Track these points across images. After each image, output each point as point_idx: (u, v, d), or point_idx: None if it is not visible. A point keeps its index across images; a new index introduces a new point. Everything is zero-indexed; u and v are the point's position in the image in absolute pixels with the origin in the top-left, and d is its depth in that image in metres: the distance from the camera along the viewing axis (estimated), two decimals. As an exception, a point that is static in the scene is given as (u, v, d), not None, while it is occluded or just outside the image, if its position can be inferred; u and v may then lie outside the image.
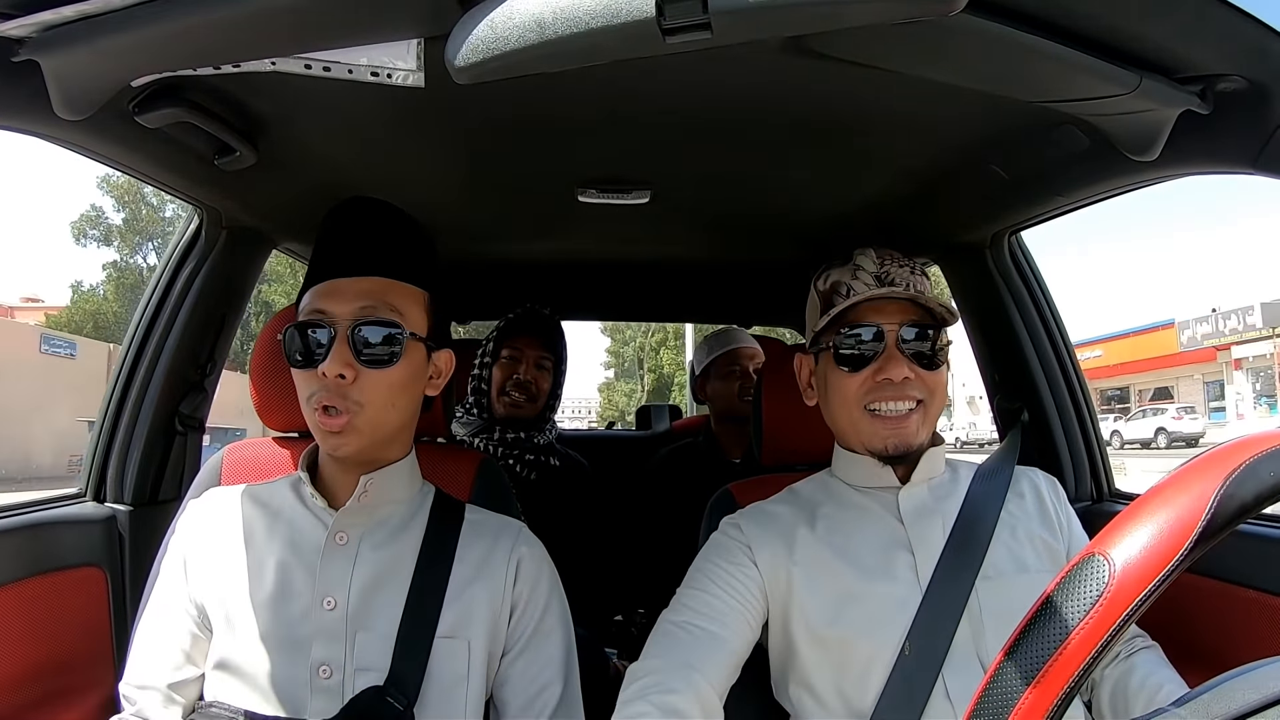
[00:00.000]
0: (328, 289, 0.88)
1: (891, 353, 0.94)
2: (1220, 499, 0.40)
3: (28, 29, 0.70)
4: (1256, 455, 0.41)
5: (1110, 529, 0.43)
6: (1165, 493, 0.42)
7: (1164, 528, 0.41)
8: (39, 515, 1.21)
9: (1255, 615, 1.00)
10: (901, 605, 0.90)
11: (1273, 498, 0.41)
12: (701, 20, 0.58)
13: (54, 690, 1.14)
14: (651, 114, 1.04)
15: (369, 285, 0.87)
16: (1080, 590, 0.41)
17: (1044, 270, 1.52)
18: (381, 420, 0.88)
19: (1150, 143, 0.87)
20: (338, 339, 0.85)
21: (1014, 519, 0.97)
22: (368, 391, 0.86)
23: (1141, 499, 0.43)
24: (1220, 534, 0.40)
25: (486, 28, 0.63)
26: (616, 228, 1.62)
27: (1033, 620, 0.43)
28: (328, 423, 0.85)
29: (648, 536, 2.00)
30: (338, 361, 0.84)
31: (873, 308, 0.96)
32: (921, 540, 0.94)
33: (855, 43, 0.76)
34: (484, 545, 0.94)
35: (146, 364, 1.39)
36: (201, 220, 1.38)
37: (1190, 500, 0.41)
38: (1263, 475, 0.41)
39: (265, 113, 1.01)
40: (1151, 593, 0.40)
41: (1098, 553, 0.42)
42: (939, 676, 0.86)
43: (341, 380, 0.84)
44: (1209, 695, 0.40)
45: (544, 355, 1.80)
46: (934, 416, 0.97)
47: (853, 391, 0.96)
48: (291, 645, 0.86)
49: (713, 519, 1.14)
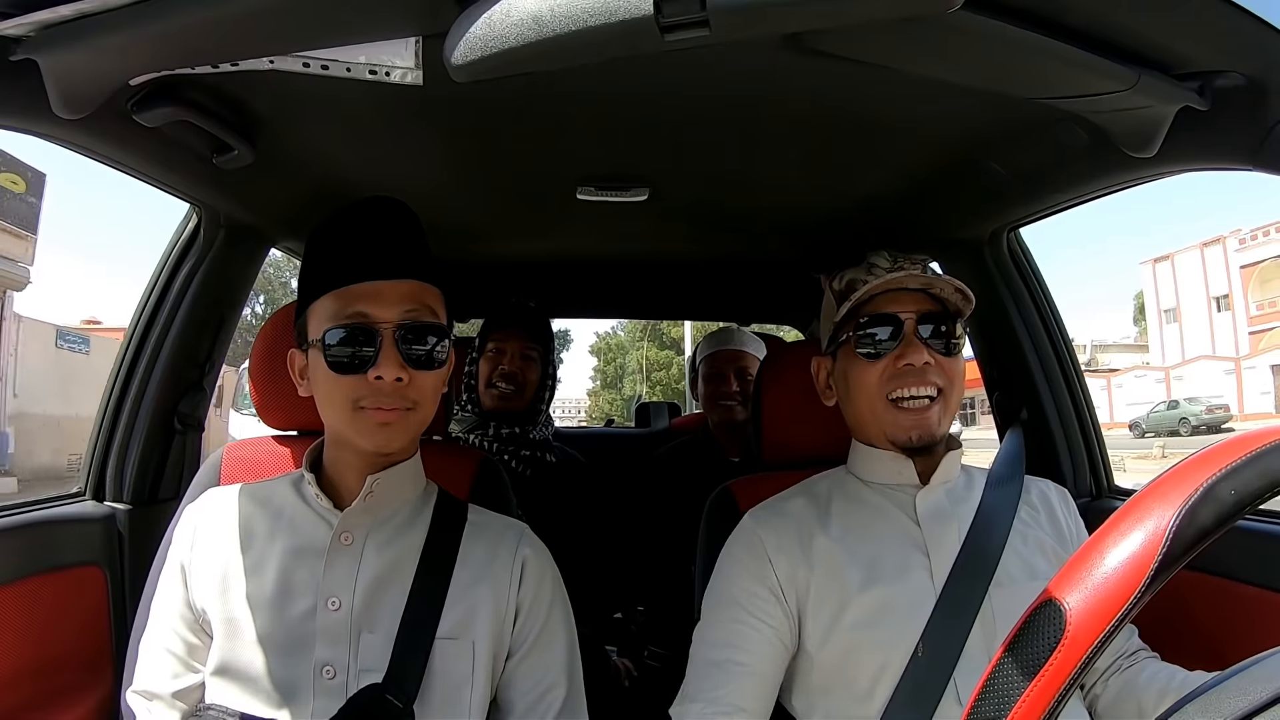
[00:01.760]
0: (367, 291, 0.86)
1: (910, 339, 0.96)
2: (1176, 530, 0.39)
3: (26, 28, 0.70)
4: (1215, 474, 0.40)
5: (1066, 570, 0.41)
6: (1122, 525, 0.41)
7: (1119, 566, 0.39)
8: (38, 514, 1.21)
9: (1256, 611, 1.00)
10: (916, 607, 0.90)
11: (1235, 516, 0.39)
12: (700, 17, 0.58)
13: (53, 689, 1.14)
14: (650, 112, 1.04)
15: (409, 288, 0.87)
16: (1036, 640, 0.40)
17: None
18: (428, 415, 0.90)
19: (1149, 139, 0.87)
20: (386, 344, 0.85)
21: (1026, 527, 0.98)
22: (422, 390, 0.87)
23: (1098, 533, 0.41)
24: (1182, 561, 0.39)
25: (484, 25, 0.63)
26: (615, 225, 1.62)
27: (993, 674, 0.42)
28: (382, 416, 0.85)
29: (648, 534, 2.00)
30: (393, 365, 0.84)
31: (889, 299, 0.98)
32: (937, 543, 0.95)
33: (853, 40, 0.76)
34: (488, 547, 0.94)
35: (145, 363, 1.39)
36: (200, 219, 1.37)
37: (1145, 536, 0.39)
38: (1222, 496, 0.39)
39: (263, 111, 1.01)
40: (1110, 634, 0.39)
41: (1053, 597, 0.41)
42: (951, 680, 0.86)
43: (399, 383, 0.85)
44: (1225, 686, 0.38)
45: (529, 346, 1.79)
46: (953, 407, 0.98)
47: (874, 381, 0.97)
48: (294, 646, 0.86)
49: (712, 518, 1.14)
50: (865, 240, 1.03)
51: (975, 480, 1.03)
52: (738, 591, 0.96)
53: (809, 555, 0.96)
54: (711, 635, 0.96)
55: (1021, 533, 0.97)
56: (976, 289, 1.52)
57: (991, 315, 1.50)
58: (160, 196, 1.20)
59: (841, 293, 1.01)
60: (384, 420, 0.86)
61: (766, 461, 1.19)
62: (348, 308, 0.86)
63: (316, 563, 0.89)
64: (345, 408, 0.86)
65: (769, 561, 0.96)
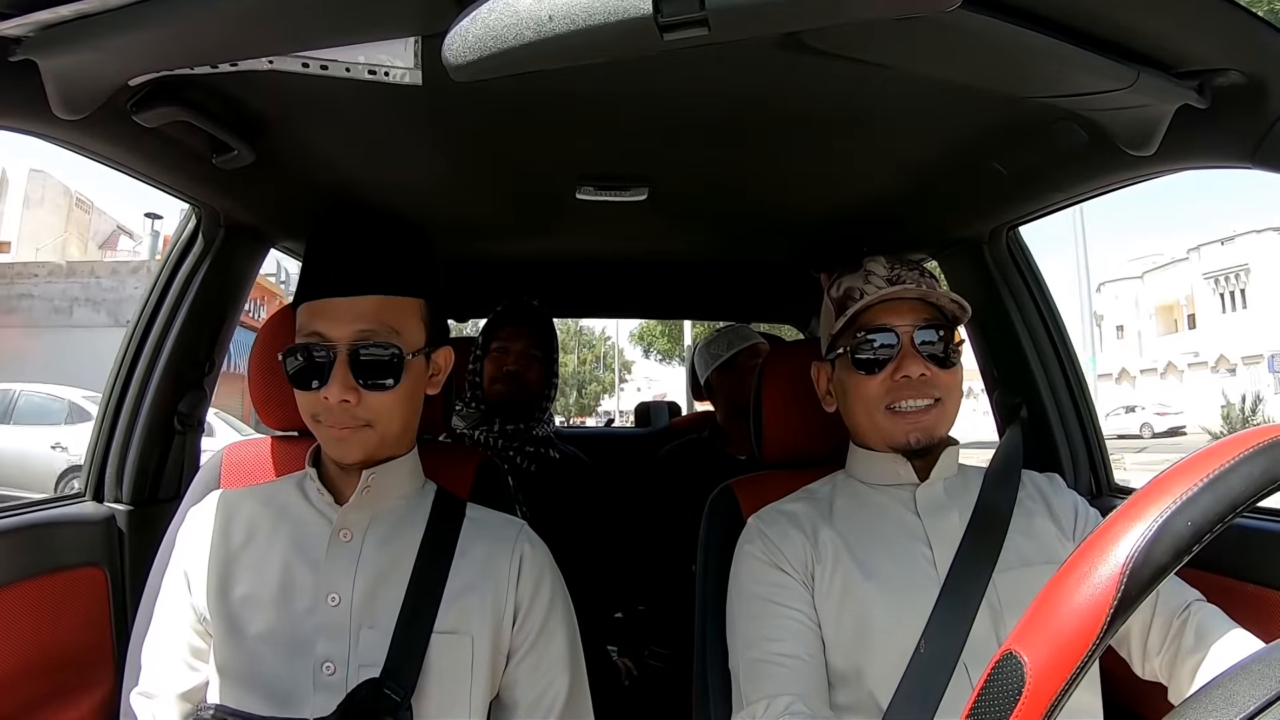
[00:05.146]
0: (322, 309, 0.88)
1: (908, 352, 0.96)
2: (1131, 572, 0.37)
3: (25, 28, 0.70)
4: (1170, 508, 0.38)
5: (1025, 620, 0.40)
6: (1077, 569, 0.39)
7: (1075, 614, 0.38)
8: (39, 515, 1.21)
9: (1256, 611, 1.00)
10: (919, 596, 0.91)
11: (1191, 549, 0.38)
12: (699, 17, 0.58)
13: (54, 690, 1.14)
14: (649, 111, 1.04)
15: (365, 306, 0.88)
16: (998, 698, 0.39)
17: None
18: (387, 430, 0.91)
19: (1148, 137, 0.87)
20: (337, 363, 0.86)
21: (1027, 515, 0.99)
22: (374, 410, 0.88)
23: (1056, 577, 0.41)
24: (1140, 599, 0.38)
25: (483, 26, 0.63)
26: (614, 225, 1.62)
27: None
28: (336, 432, 0.88)
29: (649, 533, 2.00)
30: (340, 386, 0.85)
31: (886, 309, 0.98)
32: (939, 534, 0.96)
33: (852, 39, 0.76)
34: (486, 543, 0.95)
35: (145, 363, 1.38)
36: (199, 219, 1.37)
37: (1100, 581, 0.38)
38: (1178, 530, 0.38)
39: (263, 111, 1.01)
40: (1073, 681, 0.38)
41: (1012, 650, 0.40)
42: (961, 668, 0.87)
43: (346, 404, 0.86)
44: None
45: (531, 345, 1.80)
46: (951, 414, 0.99)
47: (873, 393, 0.97)
48: (295, 643, 0.86)
49: (713, 516, 1.14)
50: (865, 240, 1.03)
51: (973, 475, 1.04)
52: (759, 587, 0.97)
53: (816, 546, 0.97)
54: (747, 636, 0.96)
55: (1023, 521, 0.97)
56: (976, 288, 1.53)
57: (991, 315, 1.50)
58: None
59: (839, 301, 1.02)
60: (339, 436, 0.88)
61: (767, 461, 1.19)
62: (309, 325, 0.89)
63: (317, 560, 0.89)
64: (308, 419, 0.90)
65: (780, 550, 0.97)
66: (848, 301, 1.00)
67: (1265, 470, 0.39)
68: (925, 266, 1.02)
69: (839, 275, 1.04)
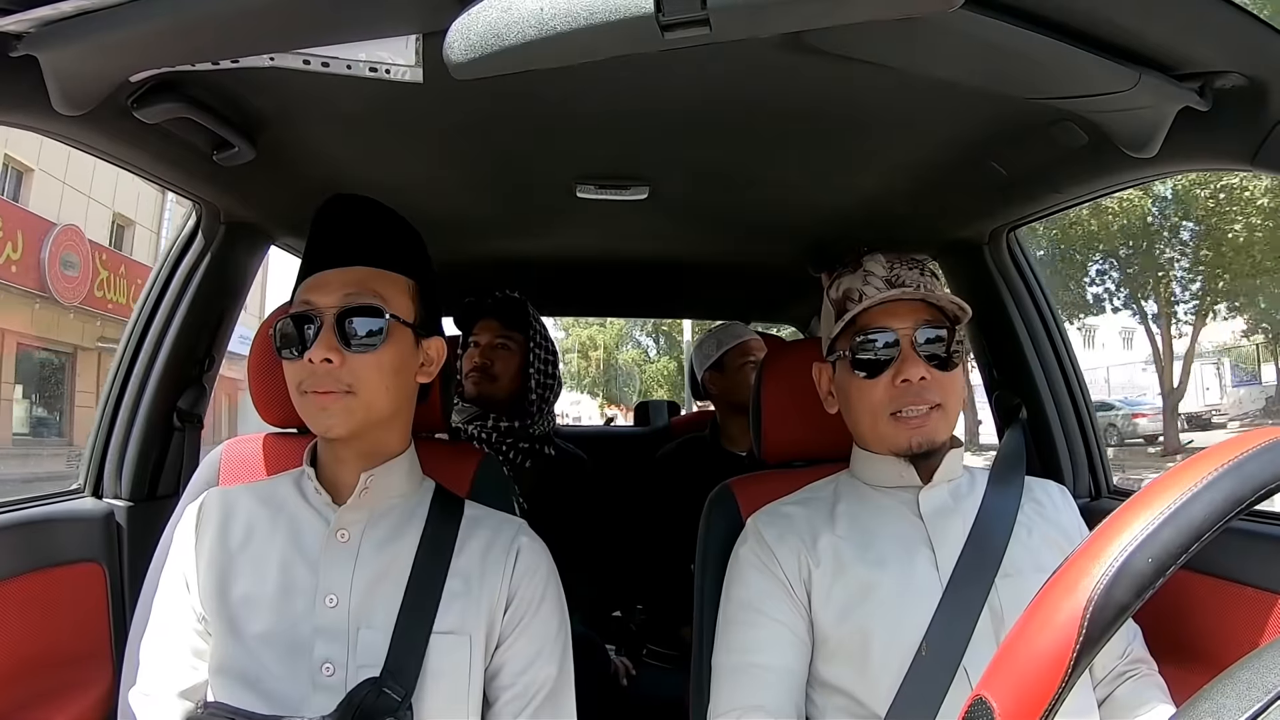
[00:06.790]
0: (314, 282, 0.90)
1: (908, 354, 0.95)
2: (1091, 616, 0.37)
3: (26, 24, 0.70)
4: (1131, 545, 0.37)
5: (993, 665, 0.40)
6: (1041, 610, 0.39)
7: (1040, 657, 0.38)
8: (38, 511, 1.21)
9: (1256, 612, 1.00)
10: (921, 599, 0.91)
11: (1154, 584, 0.37)
12: (700, 16, 0.58)
13: (52, 686, 1.14)
14: (650, 110, 1.04)
15: (353, 275, 0.90)
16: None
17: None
18: (373, 401, 0.89)
19: (1149, 139, 0.87)
20: (324, 327, 0.87)
21: (1031, 521, 0.98)
22: (357, 373, 0.87)
23: (1024, 617, 0.40)
24: (1104, 640, 0.37)
25: (484, 23, 0.63)
26: (614, 224, 1.62)
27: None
28: (319, 400, 0.87)
29: (648, 532, 2.00)
30: (323, 347, 0.86)
31: (885, 311, 0.97)
32: (942, 537, 0.95)
33: (853, 39, 0.76)
34: (484, 540, 0.95)
35: (145, 360, 1.39)
36: (200, 216, 1.37)
37: (1060, 624, 0.37)
38: (1139, 569, 0.37)
39: (264, 108, 1.01)
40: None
41: (981, 695, 0.39)
42: (962, 672, 0.87)
43: (329, 364, 0.86)
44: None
45: (502, 335, 1.80)
46: (953, 417, 0.98)
47: (876, 399, 0.96)
48: (293, 643, 0.86)
49: (712, 514, 1.14)
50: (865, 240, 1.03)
51: (977, 479, 1.03)
52: (750, 594, 0.97)
53: (815, 551, 0.97)
54: (729, 642, 0.96)
55: (1026, 526, 0.97)
56: (977, 289, 1.53)
57: (991, 315, 1.50)
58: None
59: (838, 302, 1.01)
60: (322, 404, 0.87)
61: (767, 460, 1.19)
62: (300, 298, 0.90)
63: (314, 560, 0.89)
64: (295, 393, 0.90)
65: (776, 558, 0.97)
66: (846, 303, 0.99)
67: (1228, 495, 0.38)
68: (926, 264, 1.01)
69: (838, 275, 1.03)
